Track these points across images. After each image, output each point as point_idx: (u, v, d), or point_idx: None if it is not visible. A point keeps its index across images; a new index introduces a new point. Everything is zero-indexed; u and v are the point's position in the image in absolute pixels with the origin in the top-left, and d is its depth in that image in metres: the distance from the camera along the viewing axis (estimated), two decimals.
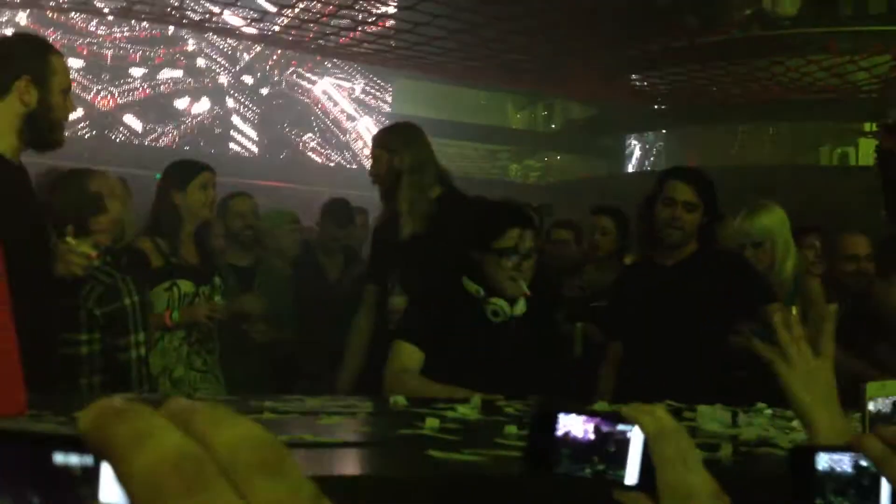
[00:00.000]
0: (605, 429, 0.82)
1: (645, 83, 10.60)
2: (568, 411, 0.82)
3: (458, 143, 11.59)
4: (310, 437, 1.40)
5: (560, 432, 0.81)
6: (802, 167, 10.91)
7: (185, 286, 3.22)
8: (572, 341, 3.96)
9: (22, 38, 2.70)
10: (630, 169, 13.15)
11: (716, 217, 3.28)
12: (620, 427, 0.82)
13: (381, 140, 3.28)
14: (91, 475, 0.28)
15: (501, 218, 2.65)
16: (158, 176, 3.43)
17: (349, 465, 1.28)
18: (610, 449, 0.82)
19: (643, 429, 0.81)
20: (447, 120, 11.24)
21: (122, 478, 0.27)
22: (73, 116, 2.69)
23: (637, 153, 13.40)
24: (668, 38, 8.74)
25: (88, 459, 0.28)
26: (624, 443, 0.82)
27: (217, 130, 11.61)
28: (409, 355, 2.51)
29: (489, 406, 1.95)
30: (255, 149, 11.70)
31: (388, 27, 8.22)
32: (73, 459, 0.28)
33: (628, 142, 13.38)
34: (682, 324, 3.08)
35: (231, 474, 0.27)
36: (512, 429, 1.58)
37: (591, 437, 0.82)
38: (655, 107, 12.11)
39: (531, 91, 11.93)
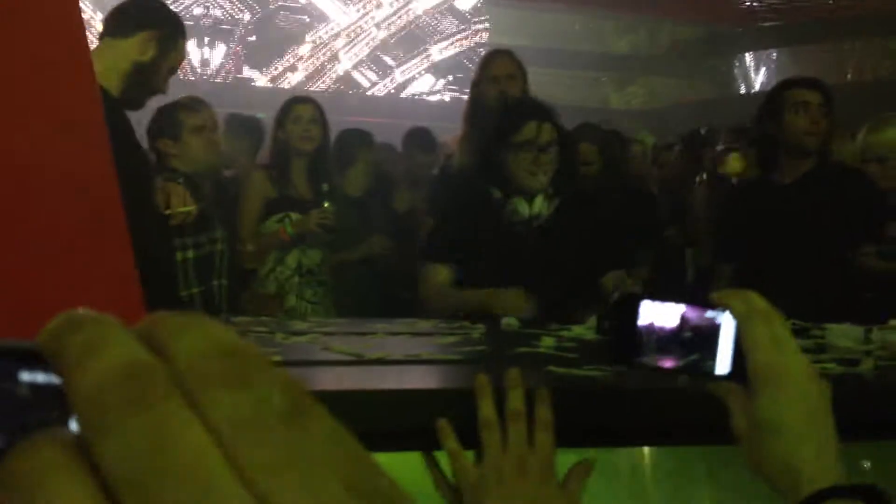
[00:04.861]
0: (692, 316, 0.75)
1: (754, 1, 10.11)
2: (652, 298, 0.76)
3: (556, 71, 11.32)
4: (426, 355, 1.39)
5: (643, 321, 0.75)
6: None
7: (296, 217, 3.29)
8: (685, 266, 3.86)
9: (171, 9, 2.81)
10: (740, 91, 12.64)
11: (831, 132, 3.14)
12: (709, 314, 0.75)
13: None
14: (56, 394, 0.23)
15: (518, 112, 2.63)
16: (261, 115, 3.50)
17: (468, 380, 1.26)
18: (698, 337, 0.75)
19: (733, 311, 0.75)
20: (544, 48, 10.99)
21: (70, 395, 0.23)
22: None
23: (747, 74, 12.86)
24: None
25: (54, 377, 0.24)
26: (713, 330, 0.75)
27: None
28: (438, 274, 2.53)
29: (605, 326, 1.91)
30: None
31: None
32: (40, 377, 0.24)
33: (737, 63, 12.84)
34: (803, 243, 2.96)
35: (188, 388, 0.23)
36: None
37: (677, 325, 0.75)
38: (766, 25, 11.55)
39: (633, 14, 11.55)
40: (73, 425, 0.23)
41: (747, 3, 9.95)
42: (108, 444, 0.22)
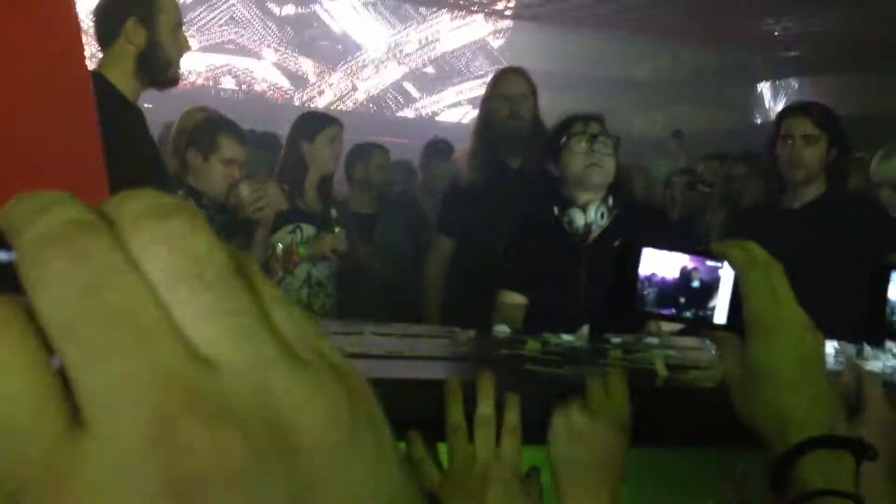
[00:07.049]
0: (692, 266, 0.76)
1: (778, 29, 10.11)
2: (653, 246, 0.76)
3: (575, 95, 11.34)
4: (408, 352, 1.40)
5: (645, 270, 0.75)
6: None
7: (308, 229, 3.33)
8: None
9: None
10: (760, 120, 12.62)
11: (845, 154, 3.12)
12: (709, 264, 0.76)
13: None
14: (11, 272, 0.24)
15: (568, 117, 2.62)
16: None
17: (445, 374, 1.28)
18: (698, 287, 0.76)
19: (731, 261, 0.75)
20: (562, 72, 11.02)
21: (16, 253, 0.24)
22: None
23: (768, 103, 12.84)
24: None
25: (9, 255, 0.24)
26: (713, 280, 0.76)
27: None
28: (512, 301, 2.52)
29: (597, 336, 1.91)
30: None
31: None
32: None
33: (759, 92, 12.83)
34: (811, 268, 2.95)
35: (129, 245, 0.24)
36: (617, 353, 1.54)
37: (678, 274, 0.76)
38: (789, 54, 11.54)
39: (654, 40, 11.57)
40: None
41: (769, 32, 9.95)
42: (45, 293, 0.23)
